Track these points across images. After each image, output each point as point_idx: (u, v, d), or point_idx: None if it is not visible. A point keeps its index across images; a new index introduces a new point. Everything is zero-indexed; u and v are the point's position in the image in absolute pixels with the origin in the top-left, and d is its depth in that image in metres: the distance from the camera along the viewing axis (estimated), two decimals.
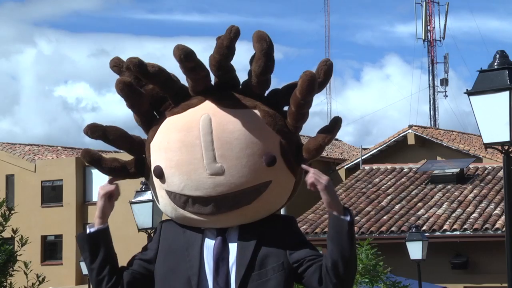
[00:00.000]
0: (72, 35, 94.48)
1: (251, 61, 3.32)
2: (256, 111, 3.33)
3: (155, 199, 3.49)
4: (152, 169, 3.38)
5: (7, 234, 10.22)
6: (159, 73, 3.30)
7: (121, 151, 3.55)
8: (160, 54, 69.51)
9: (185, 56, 3.19)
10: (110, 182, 3.47)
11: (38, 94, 77.47)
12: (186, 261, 3.32)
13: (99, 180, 32.45)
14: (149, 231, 13.47)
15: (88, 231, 3.36)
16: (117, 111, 70.35)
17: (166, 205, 3.41)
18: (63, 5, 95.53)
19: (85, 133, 3.39)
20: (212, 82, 3.41)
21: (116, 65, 3.49)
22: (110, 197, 3.41)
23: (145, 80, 3.34)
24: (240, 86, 3.42)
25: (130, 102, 3.35)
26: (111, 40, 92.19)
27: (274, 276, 3.26)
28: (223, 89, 3.36)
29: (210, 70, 3.32)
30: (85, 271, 21.49)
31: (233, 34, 3.21)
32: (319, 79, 3.27)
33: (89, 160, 3.42)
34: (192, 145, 3.28)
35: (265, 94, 3.43)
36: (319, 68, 3.32)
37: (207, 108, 3.32)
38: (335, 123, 3.35)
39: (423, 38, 46.58)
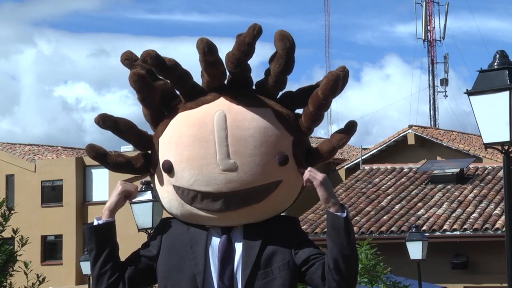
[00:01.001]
0: (71, 35, 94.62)
1: (270, 60, 3.33)
2: (271, 111, 3.34)
3: (158, 196, 3.46)
4: (160, 163, 3.36)
5: (7, 234, 10.21)
6: (176, 67, 3.30)
7: (121, 151, 3.54)
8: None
9: (209, 50, 3.19)
10: (131, 181, 3.46)
11: (38, 94, 77.55)
12: (190, 258, 3.31)
13: (99, 180, 32.52)
14: (149, 231, 13.46)
15: (96, 222, 3.34)
16: (117, 111, 70.31)
17: (172, 201, 3.38)
18: (63, 5, 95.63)
19: (96, 122, 3.37)
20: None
21: (128, 58, 3.47)
22: (127, 197, 3.40)
23: (161, 73, 3.34)
24: (254, 87, 3.43)
25: (142, 95, 3.33)
26: (110, 40, 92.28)
27: (280, 275, 3.27)
28: (237, 87, 3.37)
29: (226, 67, 3.32)
30: (85, 271, 21.47)
31: (256, 32, 3.21)
32: None
33: (94, 155, 3.41)
34: (205, 140, 3.28)
35: (278, 96, 3.44)
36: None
37: (222, 105, 3.32)
38: (351, 127, 3.37)
39: (423, 38, 46.59)
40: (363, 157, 29.67)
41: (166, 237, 3.40)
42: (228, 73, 3.37)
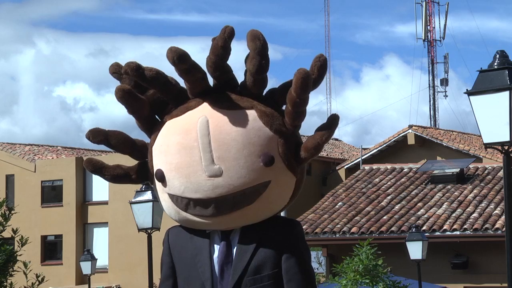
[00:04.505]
0: (70, 35, 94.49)
1: (245, 61, 3.31)
2: (253, 112, 3.32)
3: (160, 203, 3.49)
4: (154, 173, 3.39)
5: (7, 234, 10.22)
6: (157, 77, 3.29)
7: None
8: (158, 53, 69.48)
9: (178, 58, 3.18)
10: None
11: (37, 94, 77.63)
12: (197, 267, 3.34)
13: (99, 180, 32.41)
14: (149, 231, 13.46)
15: None
16: (115, 111, 70.44)
17: (169, 208, 3.41)
18: (61, 5, 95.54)
19: (87, 137, 3.40)
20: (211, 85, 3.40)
21: (116, 71, 3.48)
22: None
23: (144, 84, 3.33)
24: (238, 87, 3.41)
25: (131, 109, 3.36)
26: (109, 40, 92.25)
27: (268, 284, 3.28)
28: (221, 90, 3.36)
29: (207, 72, 3.31)
30: (85, 271, 21.50)
31: (227, 34, 3.20)
32: (313, 76, 3.25)
33: (91, 169, 3.43)
34: (190, 147, 3.28)
35: (263, 94, 3.42)
36: (313, 65, 3.29)
37: (205, 110, 3.31)
38: (333, 121, 3.33)
39: (423, 38, 46.61)
40: (363, 157, 29.70)
41: (174, 250, 3.44)
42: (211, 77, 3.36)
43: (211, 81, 3.40)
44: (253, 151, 3.26)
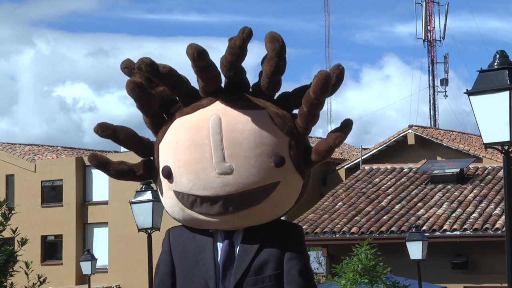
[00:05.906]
0: (70, 35, 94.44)
1: (262, 62, 3.33)
2: (266, 112, 3.34)
3: (162, 202, 3.48)
4: (160, 169, 3.38)
5: (7, 234, 10.22)
6: (170, 74, 3.31)
7: (121, 151, 3.54)
8: (158, 53, 69.53)
9: (198, 55, 3.19)
10: None
11: (37, 94, 77.64)
12: (200, 265, 3.33)
13: (99, 180, 32.53)
14: (149, 231, 13.47)
15: None
16: (115, 111, 70.49)
17: (173, 206, 3.40)
18: (61, 5, 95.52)
19: (95, 131, 3.40)
20: (222, 85, 3.41)
21: (127, 66, 3.49)
22: None
23: (156, 80, 3.35)
24: (250, 89, 3.43)
25: (140, 103, 3.36)
26: (109, 40, 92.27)
27: (270, 284, 3.28)
28: (233, 90, 3.37)
29: (221, 71, 3.33)
30: (85, 271, 21.52)
31: (246, 35, 3.22)
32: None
33: (96, 164, 3.43)
34: (201, 144, 3.28)
35: (275, 97, 3.44)
36: (331, 72, 3.32)
37: (217, 109, 3.32)
38: (347, 125, 3.35)
39: (423, 38, 46.60)
40: (363, 157, 29.69)
41: (175, 248, 3.43)
42: (224, 77, 3.37)
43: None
44: (264, 151, 3.28)
